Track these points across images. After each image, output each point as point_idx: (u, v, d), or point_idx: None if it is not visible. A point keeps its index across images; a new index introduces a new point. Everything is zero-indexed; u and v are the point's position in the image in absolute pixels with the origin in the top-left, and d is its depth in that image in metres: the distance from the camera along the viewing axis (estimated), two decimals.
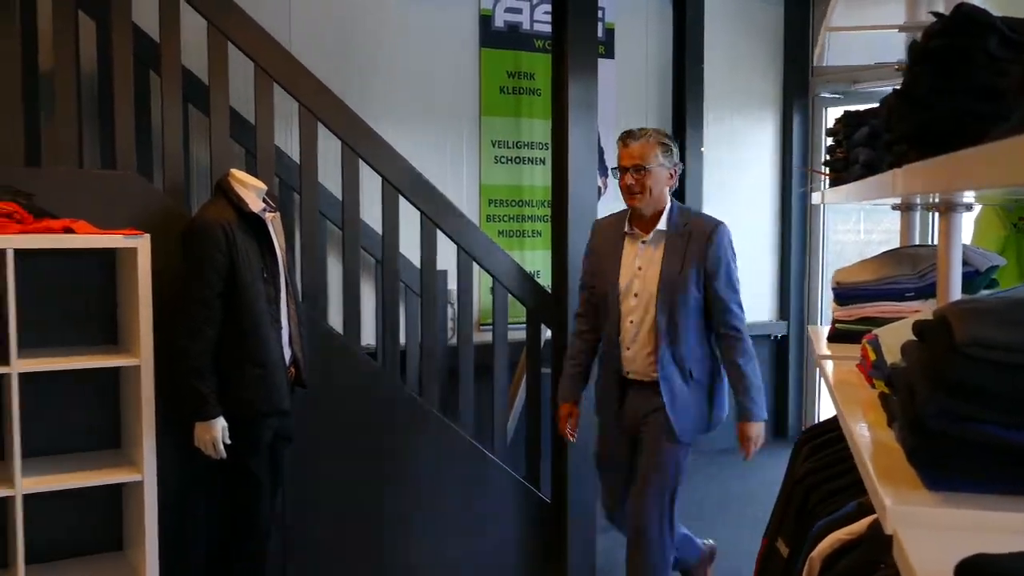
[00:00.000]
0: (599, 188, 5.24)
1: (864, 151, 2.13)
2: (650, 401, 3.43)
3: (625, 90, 6.32)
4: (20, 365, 3.02)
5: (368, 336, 4.79)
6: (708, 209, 6.50)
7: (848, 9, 2.74)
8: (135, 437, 3.27)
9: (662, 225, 3.42)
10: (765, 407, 3.46)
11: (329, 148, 4.01)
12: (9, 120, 3.44)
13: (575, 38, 4.17)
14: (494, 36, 5.85)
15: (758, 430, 3.45)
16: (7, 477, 3.09)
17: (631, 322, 3.43)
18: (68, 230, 3.16)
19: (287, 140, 4.26)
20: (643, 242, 3.44)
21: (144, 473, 3.20)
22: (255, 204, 3.35)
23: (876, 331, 1.76)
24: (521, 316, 4.42)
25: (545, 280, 4.78)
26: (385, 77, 5.47)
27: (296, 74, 3.83)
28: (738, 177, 6.89)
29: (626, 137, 3.42)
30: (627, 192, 3.41)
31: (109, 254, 3.45)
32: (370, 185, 4.11)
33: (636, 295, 3.43)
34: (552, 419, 4.30)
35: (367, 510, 4.00)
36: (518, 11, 5.91)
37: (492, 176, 5.89)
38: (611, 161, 6.01)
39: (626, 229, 3.48)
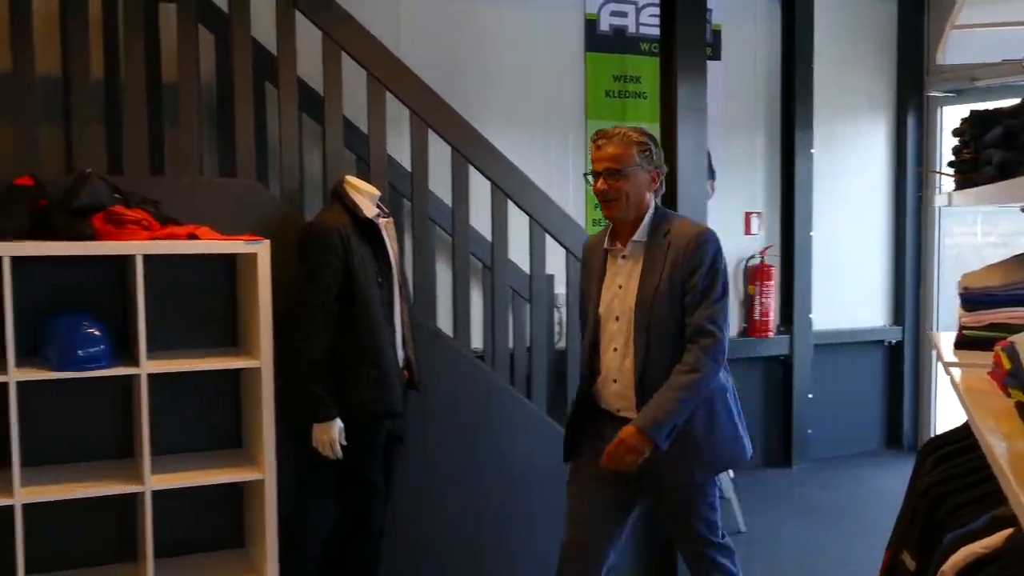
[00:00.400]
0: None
1: (998, 152, 2.05)
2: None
3: (733, 92, 6.24)
4: (149, 366, 3.16)
5: (476, 340, 4.83)
6: (819, 213, 6.39)
7: (973, 6, 2.65)
8: (256, 437, 3.38)
9: (639, 235, 2.95)
10: (659, 428, 2.80)
11: (438, 154, 4.06)
12: (136, 131, 3.59)
13: (683, 40, 4.12)
14: (599, 40, 5.85)
15: (632, 439, 2.81)
16: (137, 475, 3.23)
17: (615, 350, 2.96)
18: (192, 236, 3.28)
19: (396, 147, 4.33)
20: (623, 257, 2.99)
21: (265, 472, 3.30)
22: (369, 210, 3.42)
23: (1012, 338, 1.70)
24: None
25: None
26: (491, 82, 5.51)
27: (407, 81, 3.90)
28: (849, 179, 6.73)
29: (598, 138, 2.98)
30: (601, 200, 2.96)
31: (230, 259, 3.56)
32: (477, 190, 4.15)
33: (617, 318, 2.96)
34: None
35: (474, 512, 4.03)
36: (624, 15, 5.89)
37: None
38: (718, 165, 5.95)
39: (606, 244, 3.04)
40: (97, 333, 3.15)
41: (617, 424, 2.93)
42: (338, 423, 3.30)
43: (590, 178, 2.98)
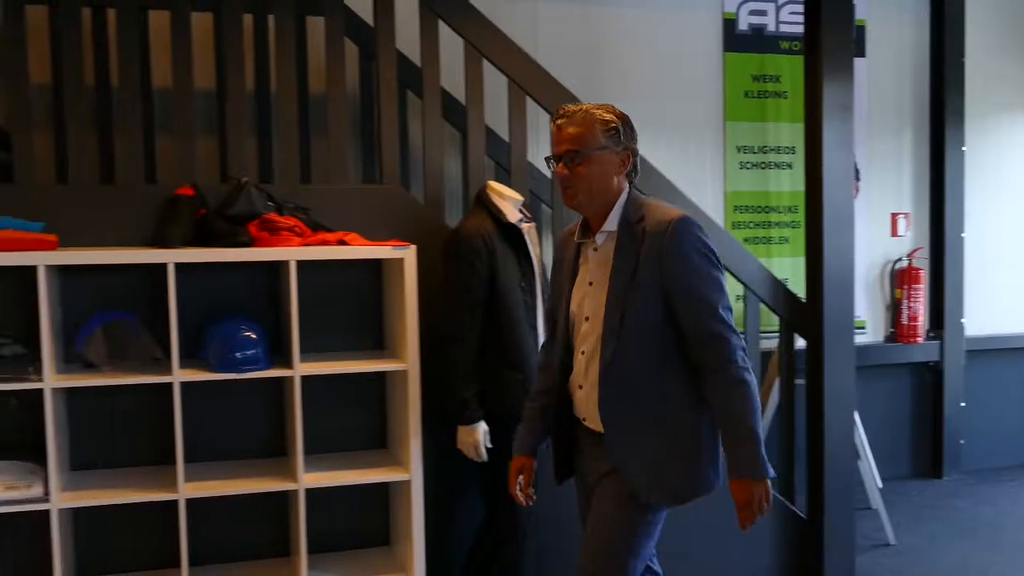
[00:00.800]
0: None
1: None
2: (604, 458, 2.61)
3: (878, 89, 6.03)
4: (301, 369, 3.26)
5: None
6: (971, 213, 6.14)
7: None
8: (401, 438, 3.45)
9: (609, 224, 2.59)
10: (762, 462, 2.49)
11: None
12: (287, 141, 3.72)
13: (829, 37, 4.02)
14: (738, 40, 5.75)
15: (751, 491, 2.50)
16: (291, 473, 3.34)
17: (583, 353, 2.64)
18: (342, 242, 3.38)
19: (532, 153, 4.36)
20: (594, 249, 2.64)
21: (411, 472, 3.36)
22: (512, 215, 3.45)
23: None
24: (767, 324, 4.32)
25: (793, 287, 4.62)
26: (627, 85, 5.48)
27: (547, 87, 3.91)
28: (1003, 177, 6.41)
29: (558, 116, 2.59)
30: (561, 187, 2.61)
31: (376, 264, 3.65)
32: None
33: (588, 318, 2.62)
34: (808, 429, 4.18)
35: None
36: (763, 13, 5.77)
37: (737, 182, 5.78)
38: (862, 164, 5.76)
39: (577, 237, 2.69)
40: (254, 336, 3.27)
41: (588, 434, 2.67)
42: (483, 426, 3.34)
43: (553, 163, 2.61)
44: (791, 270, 5.76)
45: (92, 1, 4.16)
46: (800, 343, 4.29)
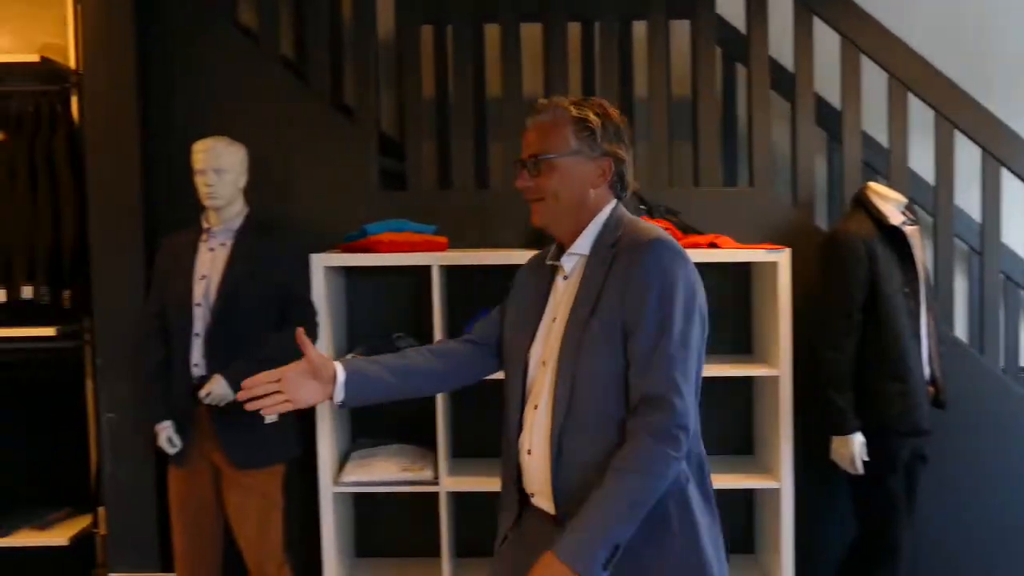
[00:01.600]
0: None
1: None
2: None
3: None
4: None
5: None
6: None
7: None
8: (770, 445, 3.37)
9: (579, 245, 2.03)
10: (597, 565, 1.80)
11: (960, 159, 3.78)
12: (657, 144, 3.77)
13: None
14: None
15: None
16: None
17: (535, 407, 2.03)
18: (713, 245, 3.38)
19: (911, 155, 4.09)
20: (563, 277, 2.07)
21: (781, 481, 3.28)
22: (895, 217, 3.27)
23: None
24: None
25: None
26: (1013, 69, 4.95)
27: (930, 80, 3.68)
28: None
29: (530, 112, 2.09)
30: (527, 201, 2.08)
31: (744, 267, 3.60)
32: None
33: (544, 363, 2.03)
34: None
35: (994, 544, 3.68)
36: None
37: None
38: None
39: (549, 257, 2.13)
40: None
41: (536, 517, 2.05)
42: (859, 437, 3.18)
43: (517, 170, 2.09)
44: None
45: (473, 19, 4.43)
46: None
